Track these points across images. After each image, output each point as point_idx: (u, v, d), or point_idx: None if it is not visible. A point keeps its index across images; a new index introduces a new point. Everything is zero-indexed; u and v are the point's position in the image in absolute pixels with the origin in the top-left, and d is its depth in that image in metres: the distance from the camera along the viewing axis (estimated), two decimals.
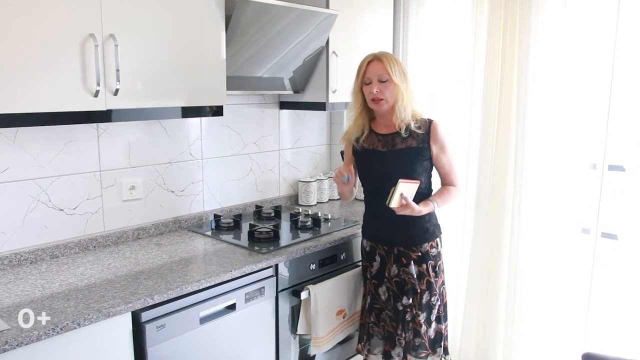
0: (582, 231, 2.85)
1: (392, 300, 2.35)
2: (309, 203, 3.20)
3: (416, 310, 2.31)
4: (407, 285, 2.31)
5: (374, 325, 2.44)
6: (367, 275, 2.45)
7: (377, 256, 2.39)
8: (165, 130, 2.58)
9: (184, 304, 2.00)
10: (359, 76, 2.23)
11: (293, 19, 2.53)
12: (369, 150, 2.31)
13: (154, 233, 2.58)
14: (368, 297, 2.44)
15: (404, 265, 2.31)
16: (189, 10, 2.19)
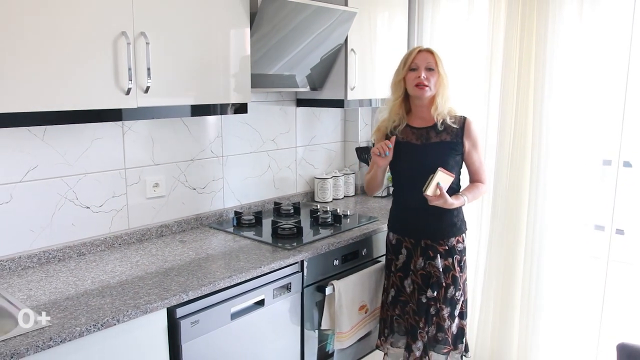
0: (595, 228, 2.89)
1: (417, 293, 2.38)
2: (325, 200, 3.22)
3: (440, 305, 2.34)
4: (432, 279, 2.34)
5: (398, 318, 2.46)
6: (391, 269, 2.47)
7: (403, 249, 2.41)
8: (188, 127, 2.59)
9: (215, 300, 2.01)
10: (406, 64, 2.27)
11: (313, 16, 2.54)
12: (403, 142, 2.34)
13: (177, 230, 2.59)
14: (392, 290, 2.47)
15: (430, 258, 2.34)
16: (214, 7, 2.20)
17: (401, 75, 2.30)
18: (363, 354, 2.78)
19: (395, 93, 2.34)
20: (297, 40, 2.61)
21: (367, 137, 3.49)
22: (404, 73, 2.29)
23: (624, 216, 2.84)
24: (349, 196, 3.40)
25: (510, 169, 2.85)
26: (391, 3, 3.12)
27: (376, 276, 2.69)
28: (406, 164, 2.34)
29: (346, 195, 3.38)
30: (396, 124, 2.36)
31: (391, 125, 2.37)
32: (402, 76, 2.29)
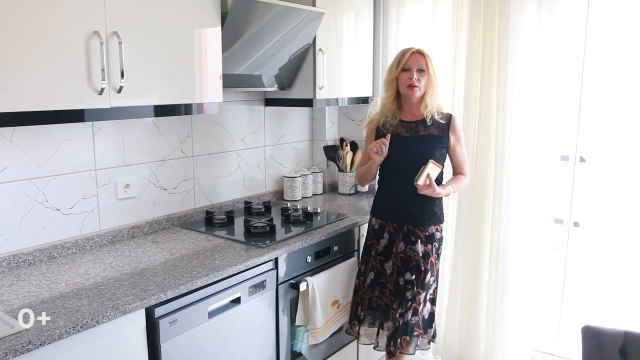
0: (555, 221, 3.04)
1: (395, 275, 2.51)
2: (294, 198, 3.25)
3: (418, 289, 2.47)
4: (412, 262, 2.47)
5: (377, 299, 2.58)
6: (371, 253, 2.59)
7: (385, 233, 2.54)
8: (158, 128, 2.58)
9: (193, 299, 2.02)
10: (399, 64, 2.40)
11: (281, 16, 2.57)
12: (394, 135, 2.46)
13: (148, 231, 2.58)
14: (372, 273, 2.58)
15: (411, 242, 2.48)
16: (186, 7, 2.21)
17: (394, 75, 2.43)
18: (335, 349, 2.83)
19: (388, 91, 2.49)
20: (266, 40, 2.63)
21: (334, 136, 3.54)
22: (396, 73, 2.42)
23: (579, 209, 3.00)
24: (318, 194, 3.44)
25: (475, 166, 2.95)
26: (357, 4, 3.18)
27: (348, 272, 2.74)
28: (396, 155, 2.45)
29: (315, 194, 3.42)
30: (389, 119, 2.49)
31: (383, 119, 2.51)
32: (395, 75, 2.43)
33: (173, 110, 2.25)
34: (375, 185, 3.37)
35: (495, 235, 2.96)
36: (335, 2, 2.99)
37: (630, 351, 1.73)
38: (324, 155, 3.47)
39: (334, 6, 2.98)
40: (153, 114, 2.20)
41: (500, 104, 2.83)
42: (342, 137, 3.52)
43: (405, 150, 2.45)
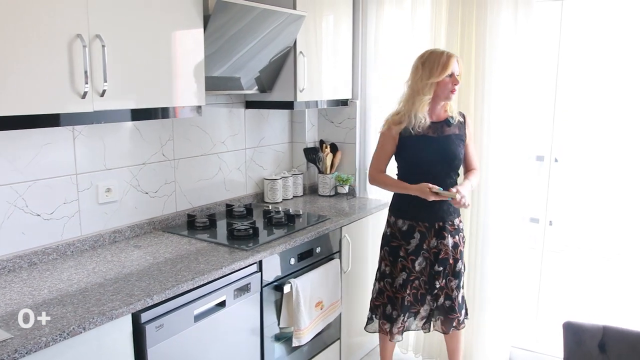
0: (531, 220, 3.11)
1: (428, 267, 2.65)
2: (275, 200, 3.26)
3: (449, 277, 2.65)
4: (441, 255, 2.62)
5: (408, 296, 2.68)
6: (400, 254, 2.66)
7: (416, 233, 2.63)
8: (139, 131, 2.56)
9: (179, 303, 2.02)
10: (445, 70, 2.47)
11: (263, 19, 2.58)
12: (421, 136, 2.55)
13: (130, 235, 2.55)
14: (404, 273, 2.66)
15: (442, 238, 2.61)
16: (169, 11, 2.20)
17: (437, 79, 2.47)
18: (320, 348, 2.85)
19: (429, 94, 2.51)
20: (247, 43, 2.63)
21: (314, 138, 3.55)
22: (440, 77, 2.46)
23: (553, 208, 3.08)
24: (298, 196, 3.45)
25: None
26: (336, 7, 3.20)
27: (331, 273, 2.77)
28: (424, 155, 2.57)
29: (295, 196, 3.43)
30: (422, 123, 2.53)
31: (417, 122, 2.53)
32: (439, 79, 2.47)
33: (156, 114, 2.24)
34: (356, 187, 3.42)
35: (473, 235, 3.02)
36: (315, 4, 3.01)
37: (609, 345, 1.79)
38: (304, 157, 3.48)
39: (314, 9, 2.99)
40: (137, 118, 2.18)
41: (478, 106, 2.89)
42: (321, 139, 3.54)
43: (434, 151, 2.56)
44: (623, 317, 2.99)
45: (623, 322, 1.93)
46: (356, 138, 3.44)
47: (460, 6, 2.86)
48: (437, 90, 2.51)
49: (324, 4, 3.10)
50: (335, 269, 2.82)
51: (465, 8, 2.85)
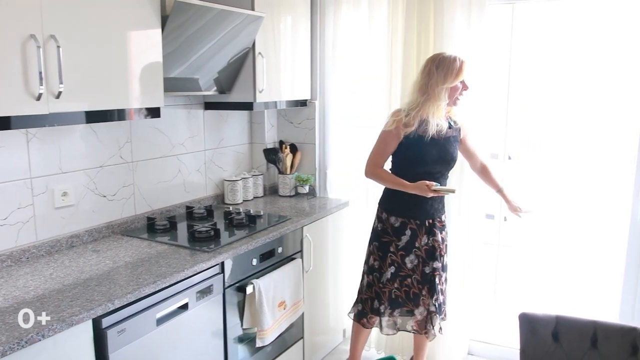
0: (487, 217, 3.21)
1: (421, 265, 2.70)
2: (236, 201, 3.25)
3: (439, 272, 2.72)
4: (436, 251, 2.70)
5: (397, 290, 2.75)
6: (390, 249, 2.73)
7: (407, 230, 2.70)
8: (96, 133, 2.51)
9: (141, 307, 2.00)
10: (459, 75, 2.53)
11: (221, 20, 2.57)
12: (424, 137, 2.60)
13: (88, 240, 2.50)
14: (392, 267, 2.73)
15: (434, 234, 2.70)
16: (126, 11, 2.17)
17: (452, 84, 2.53)
18: (284, 348, 2.86)
19: (445, 99, 2.55)
20: (205, 44, 2.62)
21: (273, 139, 3.56)
22: (454, 83, 2.54)
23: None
24: (259, 197, 3.45)
25: None
26: (295, 8, 3.21)
27: (293, 272, 2.78)
28: (426, 155, 2.63)
29: (255, 197, 3.43)
30: (439, 127, 2.58)
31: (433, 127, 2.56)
32: (452, 85, 2.53)
33: (113, 116, 2.20)
34: (316, 187, 3.45)
35: None
36: (273, 5, 3.02)
37: (561, 333, 1.87)
38: (263, 158, 3.48)
39: (272, 10, 3.00)
40: (93, 120, 2.14)
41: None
42: (281, 140, 3.55)
43: (435, 152, 2.63)
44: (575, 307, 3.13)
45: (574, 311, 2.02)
46: (316, 138, 3.47)
47: (417, 9, 2.92)
48: (449, 95, 2.57)
49: (282, 5, 3.11)
50: (297, 268, 2.84)
51: (422, 10, 2.91)
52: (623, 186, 2.90)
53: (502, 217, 3.18)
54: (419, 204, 2.66)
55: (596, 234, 3.29)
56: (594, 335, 1.84)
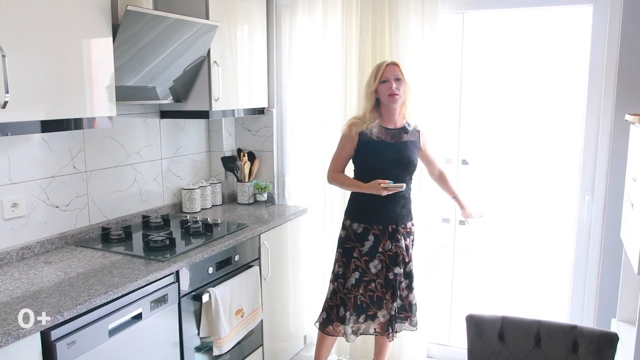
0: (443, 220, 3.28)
1: (385, 271, 2.74)
2: (194, 210, 3.24)
3: (402, 278, 2.77)
4: (399, 257, 2.73)
5: (361, 296, 2.79)
6: (353, 255, 2.76)
7: (370, 236, 2.74)
8: (47, 143, 2.48)
9: (91, 318, 1.97)
10: (377, 77, 2.61)
11: (175, 29, 2.57)
12: (378, 141, 2.68)
13: (40, 251, 2.47)
14: (356, 273, 2.76)
15: (397, 240, 2.72)
16: (76, 19, 2.15)
17: (373, 87, 2.64)
18: (243, 356, 2.86)
19: (369, 102, 2.71)
20: (159, 52, 2.62)
21: (231, 147, 3.57)
22: (375, 85, 2.62)
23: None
24: (217, 205, 3.45)
25: None
26: (251, 17, 3.24)
27: (251, 280, 2.79)
28: (381, 160, 2.69)
29: (214, 205, 3.43)
30: (372, 127, 2.67)
31: (367, 127, 2.68)
32: (374, 88, 2.63)
33: (63, 125, 2.18)
34: (275, 194, 3.47)
35: None
36: (230, 14, 3.03)
37: (507, 334, 1.93)
38: (221, 166, 3.48)
39: (228, 19, 3.02)
40: (41, 130, 2.12)
41: None
42: (239, 148, 3.56)
43: (390, 156, 2.68)
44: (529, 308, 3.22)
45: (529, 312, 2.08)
46: (274, 146, 3.49)
47: (370, 19, 2.98)
48: (380, 97, 2.68)
49: (238, 14, 3.13)
50: (255, 276, 2.85)
51: (375, 20, 2.97)
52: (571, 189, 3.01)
53: (457, 221, 3.26)
54: (380, 209, 2.70)
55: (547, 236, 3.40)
56: (538, 334, 1.90)
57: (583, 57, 2.82)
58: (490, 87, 3.27)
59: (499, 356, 1.91)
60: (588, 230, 2.90)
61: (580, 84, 2.87)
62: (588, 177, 2.87)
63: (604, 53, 2.73)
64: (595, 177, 2.84)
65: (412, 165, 2.76)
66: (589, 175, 2.86)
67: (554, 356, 1.86)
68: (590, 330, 1.84)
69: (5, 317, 1.79)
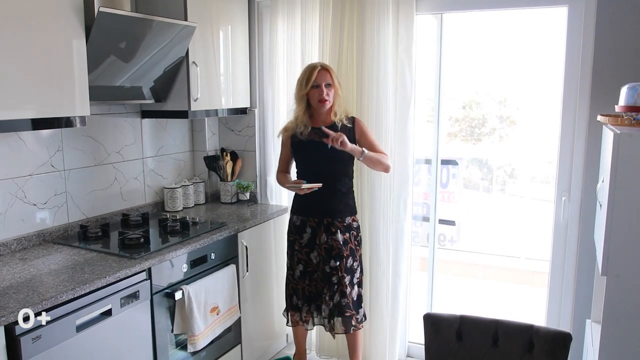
0: (422, 219, 3.30)
1: (322, 263, 2.86)
2: (175, 209, 3.28)
3: (342, 273, 2.82)
4: (334, 251, 2.82)
5: (308, 287, 2.93)
6: (295, 247, 2.93)
7: (307, 228, 2.88)
8: (24, 142, 2.52)
9: (58, 313, 2.01)
10: (309, 82, 2.75)
11: (152, 29, 2.61)
12: (308, 141, 2.82)
13: (17, 248, 2.51)
14: (300, 265, 2.92)
15: (332, 233, 2.82)
16: (47, 20, 2.19)
17: (304, 92, 2.76)
18: (220, 353, 2.89)
19: (300, 105, 2.82)
20: (137, 53, 2.65)
21: (215, 146, 3.60)
22: (307, 90, 2.72)
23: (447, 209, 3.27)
24: (200, 204, 3.49)
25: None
26: (232, 18, 3.27)
27: (227, 278, 2.82)
28: (312, 158, 2.85)
29: (197, 204, 3.46)
30: (302, 129, 2.82)
31: (299, 130, 2.83)
32: (305, 92, 2.78)
33: (35, 125, 2.21)
34: (257, 193, 3.50)
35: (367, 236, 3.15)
36: (212, 15, 3.07)
37: (465, 333, 1.94)
38: (204, 165, 3.52)
39: (210, 19, 3.05)
40: (15, 129, 2.16)
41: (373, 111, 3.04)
42: (222, 147, 3.60)
43: (318, 154, 2.79)
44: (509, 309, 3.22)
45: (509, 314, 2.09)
46: (256, 145, 3.52)
47: (347, 19, 3.00)
48: (310, 100, 2.78)
49: (220, 15, 3.16)
50: (232, 274, 2.88)
51: (351, 21, 3.00)
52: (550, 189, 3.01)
53: (436, 219, 3.27)
54: (314, 203, 2.82)
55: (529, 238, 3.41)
56: (496, 333, 1.91)
57: (559, 58, 2.82)
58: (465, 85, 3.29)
59: (457, 355, 1.92)
60: (565, 230, 2.91)
61: (556, 84, 2.88)
62: (565, 177, 2.87)
63: (579, 54, 2.73)
64: (571, 177, 2.84)
65: (341, 162, 2.83)
66: (565, 175, 2.87)
67: (511, 355, 1.88)
68: (546, 330, 1.85)
69: None
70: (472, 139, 5.05)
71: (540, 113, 3.23)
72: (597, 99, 2.69)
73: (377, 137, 3.01)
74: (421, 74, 3.07)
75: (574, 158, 2.82)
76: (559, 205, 2.90)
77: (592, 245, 2.66)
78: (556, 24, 2.86)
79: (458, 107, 3.82)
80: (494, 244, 3.64)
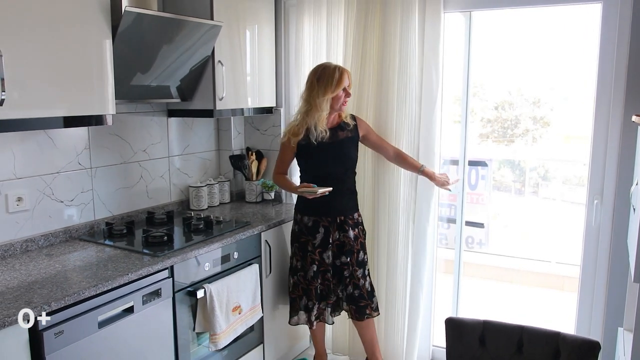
0: (447, 220, 3.24)
1: (333, 259, 2.90)
2: (200, 207, 3.29)
3: (354, 267, 2.89)
4: (346, 247, 2.87)
5: (321, 286, 2.94)
6: (308, 248, 2.90)
7: (320, 228, 2.88)
8: (52, 140, 2.57)
9: (81, 309, 2.03)
10: (340, 85, 2.71)
11: (178, 29, 2.63)
12: (319, 143, 2.78)
13: (44, 244, 2.56)
14: (314, 265, 2.90)
15: (345, 230, 2.87)
16: (74, 20, 2.22)
17: (335, 93, 2.72)
18: (242, 352, 2.89)
19: (326, 109, 2.75)
20: (163, 52, 2.67)
21: (240, 145, 3.61)
22: (336, 93, 2.72)
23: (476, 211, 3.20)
24: (225, 203, 3.50)
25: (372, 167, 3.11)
26: (259, 18, 3.27)
27: (250, 277, 2.82)
28: (321, 160, 2.85)
29: (222, 202, 3.47)
30: (322, 135, 2.77)
31: (319, 135, 2.76)
32: (335, 94, 2.72)
33: (61, 123, 2.24)
34: (282, 193, 3.49)
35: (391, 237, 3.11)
36: (238, 14, 3.08)
37: (488, 338, 1.89)
38: (230, 165, 3.53)
39: (237, 18, 3.06)
40: (40, 127, 2.19)
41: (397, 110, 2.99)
42: (248, 147, 3.60)
43: (329, 156, 2.82)
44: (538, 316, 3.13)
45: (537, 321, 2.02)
46: None
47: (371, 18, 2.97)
48: (334, 102, 2.75)
49: (247, 14, 3.16)
50: (255, 274, 2.87)
51: (376, 20, 2.96)
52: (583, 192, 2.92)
53: (463, 222, 3.21)
54: (327, 202, 2.80)
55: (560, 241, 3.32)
56: (520, 340, 1.86)
57: (592, 56, 2.73)
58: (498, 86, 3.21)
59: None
60: (597, 235, 2.81)
61: (589, 84, 2.79)
62: (597, 180, 2.78)
63: (613, 52, 2.64)
64: (604, 180, 2.75)
65: (351, 160, 2.89)
66: (597, 178, 2.78)
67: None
68: (573, 338, 1.79)
69: None
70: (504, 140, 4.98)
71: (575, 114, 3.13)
72: (632, 98, 2.59)
73: (400, 136, 3.00)
74: (451, 74, 3.01)
75: (607, 160, 2.73)
76: (590, 209, 2.81)
77: (624, 250, 2.57)
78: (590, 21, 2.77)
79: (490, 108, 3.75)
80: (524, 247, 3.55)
